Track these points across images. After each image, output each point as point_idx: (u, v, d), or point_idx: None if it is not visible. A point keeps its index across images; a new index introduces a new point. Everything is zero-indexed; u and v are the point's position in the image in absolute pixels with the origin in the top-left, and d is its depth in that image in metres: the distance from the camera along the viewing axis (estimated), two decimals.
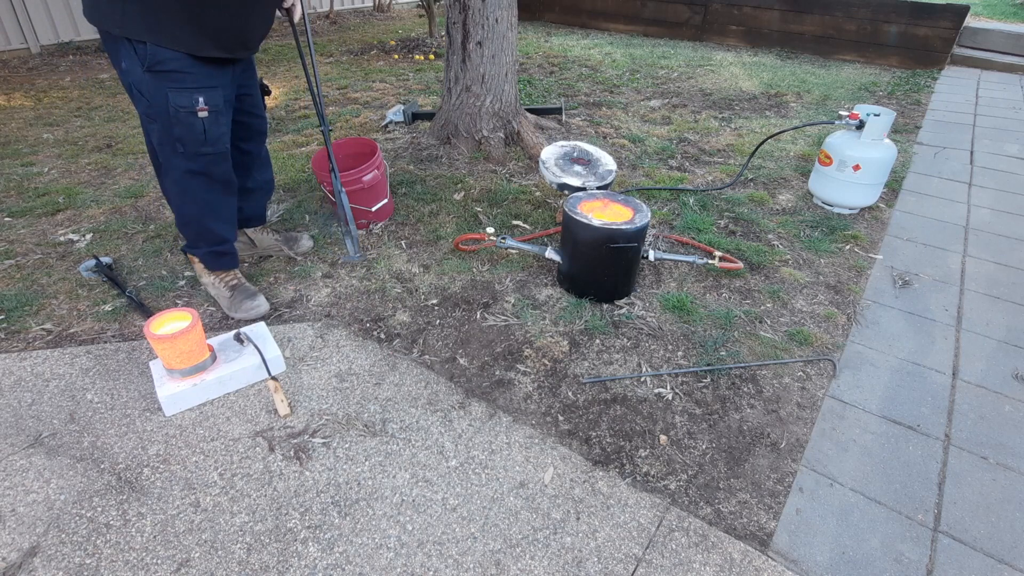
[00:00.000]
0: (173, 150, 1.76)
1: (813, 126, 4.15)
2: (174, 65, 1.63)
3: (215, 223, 1.96)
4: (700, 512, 1.44)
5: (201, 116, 1.72)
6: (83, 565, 1.27)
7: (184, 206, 1.90)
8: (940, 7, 5.65)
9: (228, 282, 2.07)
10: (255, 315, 2.03)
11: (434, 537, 1.35)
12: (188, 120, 1.71)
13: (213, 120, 1.75)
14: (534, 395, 1.77)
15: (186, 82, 1.67)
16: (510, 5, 3.20)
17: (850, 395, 1.82)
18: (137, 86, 1.67)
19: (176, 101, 1.67)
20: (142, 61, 1.61)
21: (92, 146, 3.54)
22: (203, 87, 1.70)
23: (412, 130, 3.83)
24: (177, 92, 1.66)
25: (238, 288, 2.06)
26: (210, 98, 1.72)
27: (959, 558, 1.36)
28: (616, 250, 2.02)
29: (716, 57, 6.23)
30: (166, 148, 1.76)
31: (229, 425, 1.64)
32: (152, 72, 1.63)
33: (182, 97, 1.67)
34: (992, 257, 2.61)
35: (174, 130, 1.71)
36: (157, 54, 1.61)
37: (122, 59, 1.65)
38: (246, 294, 2.05)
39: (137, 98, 1.71)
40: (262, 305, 2.05)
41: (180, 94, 1.67)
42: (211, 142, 1.78)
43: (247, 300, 2.04)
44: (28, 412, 1.66)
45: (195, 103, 1.69)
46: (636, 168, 3.39)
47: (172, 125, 1.70)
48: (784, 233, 2.73)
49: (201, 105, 1.70)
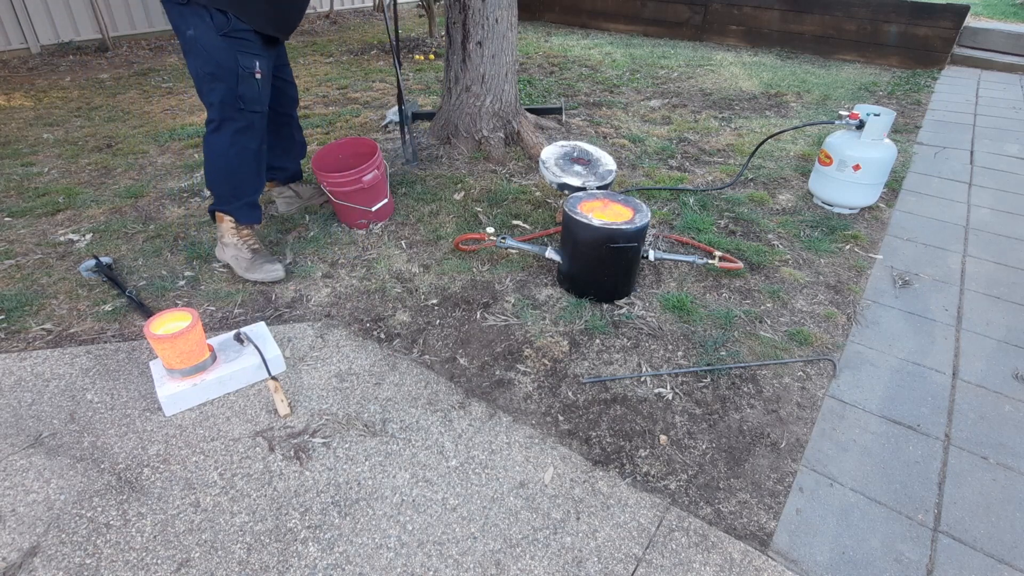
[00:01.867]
0: (235, 106, 2.04)
1: (813, 126, 4.15)
2: (245, 35, 1.97)
3: (255, 175, 2.23)
4: (700, 512, 1.44)
5: (258, 78, 2.05)
6: (83, 565, 1.27)
7: (233, 159, 2.14)
8: (940, 7, 5.64)
9: (251, 244, 2.26)
10: (272, 278, 2.23)
11: (434, 537, 1.35)
12: (249, 80, 2.02)
13: (265, 83, 2.09)
14: (534, 395, 1.77)
15: (252, 48, 2.00)
16: (510, 5, 3.20)
17: (850, 395, 1.82)
18: (207, 48, 1.94)
19: (243, 62, 1.99)
20: (219, 28, 1.91)
21: (92, 146, 3.54)
22: (260, 55, 2.04)
23: (412, 130, 3.83)
24: (245, 55, 1.98)
25: (259, 252, 2.27)
26: (264, 65, 2.06)
27: (959, 558, 1.36)
28: (616, 250, 2.02)
29: (716, 57, 6.23)
30: (228, 106, 2.03)
31: (229, 425, 1.64)
32: (227, 37, 1.93)
33: (248, 59, 1.99)
34: (992, 257, 2.61)
35: (239, 87, 2.01)
36: (236, 23, 1.94)
37: (192, 25, 1.91)
38: (266, 258, 2.26)
39: (204, 60, 1.96)
40: (279, 270, 2.24)
41: (246, 57, 1.99)
42: (261, 101, 2.11)
43: (267, 263, 2.24)
44: (28, 412, 1.66)
45: (255, 66, 2.03)
46: (636, 168, 3.39)
47: (238, 83, 2.00)
48: (784, 233, 2.73)
49: (258, 69, 2.04)
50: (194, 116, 4.11)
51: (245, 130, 2.10)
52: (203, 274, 2.29)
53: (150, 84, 4.91)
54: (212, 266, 2.35)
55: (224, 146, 2.11)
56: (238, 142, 2.11)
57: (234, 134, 2.09)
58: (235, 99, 2.02)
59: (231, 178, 2.18)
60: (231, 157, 2.13)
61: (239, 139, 2.10)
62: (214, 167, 2.16)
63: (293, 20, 2.19)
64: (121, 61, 5.65)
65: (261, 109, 2.11)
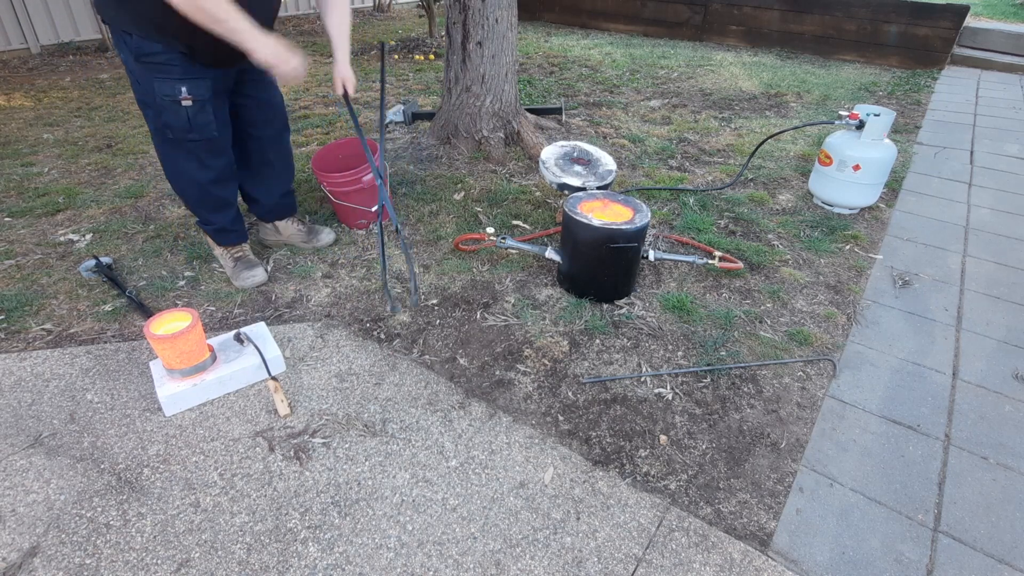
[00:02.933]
0: (163, 136, 1.87)
1: (813, 126, 4.15)
2: (160, 58, 1.72)
3: (211, 204, 2.08)
4: (700, 512, 1.44)
5: (185, 105, 1.79)
6: (83, 565, 1.27)
7: (179, 188, 2.03)
8: (940, 7, 5.64)
9: (234, 254, 2.23)
10: (250, 284, 2.19)
11: (434, 537, 1.35)
12: (173, 108, 1.79)
13: (199, 109, 1.82)
14: (534, 395, 1.77)
15: (171, 73, 1.74)
16: (510, 5, 3.20)
17: (850, 395, 1.82)
18: (132, 74, 1.79)
19: (160, 89, 1.75)
20: (134, 51, 1.71)
21: (92, 146, 3.54)
22: (188, 78, 1.76)
23: (412, 130, 3.83)
24: (161, 81, 1.74)
25: (241, 260, 2.22)
26: (194, 88, 1.78)
27: (959, 558, 1.36)
28: (616, 250, 2.02)
29: (716, 57, 6.23)
30: (157, 134, 1.88)
31: (229, 425, 1.64)
32: (140, 62, 1.73)
33: (166, 86, 1.75)
34: (992, 257, 2.61)
35: (162, 116, 1.81)
36: (143, 46, 1.70)
37: (120, 49, 1.76)
38: (246, 265, 2.21)
39: (134, 85, 1.82)
40: (258, 275, 2.19)
41: (164, 83, 1.75)
42: (197, 129, 1.85)
43: (245, 270, 2.19)
44: (28, 412, 1.66)
45: (178, 92, 1.76)
46: (636, 168, 3.39)
47: (160, 112, 1.80)
48: (784, 233, 2.73)
49: (184, 95, 1.77)
50: None
51: (185, 158, 1.92)
52: (203, 274, 2.29)
53: None
54: (212, 266, 2.35)
55: (170, 171, 1.99)
56: (180, 169, 1.96)
57: (174, 161, 1.94)
58: (162, 128, 1.84)
59: (187, 203, 2.11)
60: (179, 184, 2.02)
61: (181, 165, 1.95)
62: (172, 186, 2.06)
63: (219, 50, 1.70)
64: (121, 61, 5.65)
65: (199, 137, 1.87)
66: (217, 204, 2.09)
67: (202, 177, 1.98)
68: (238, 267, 2.20)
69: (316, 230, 2.52)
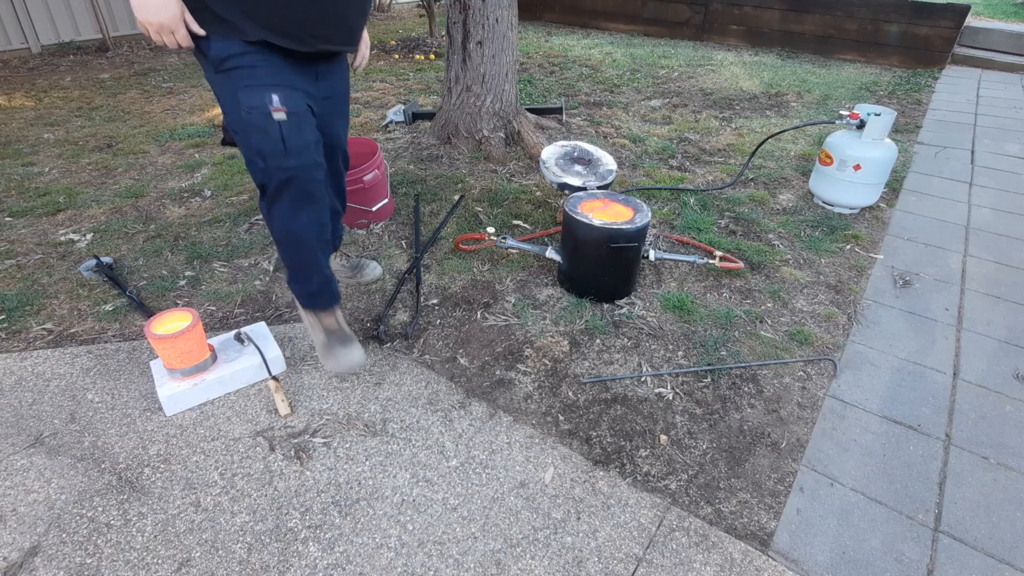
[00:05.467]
0: (255, 167, 1.47)
1: (814, 126, 4.14)
2: (242, 60, 1.36)
3: (305, 259, 1.65)
4: (701, 512, 1.44)
5: (278, 119, 1.38)
6: (84, 565, 1.27)
7: (278, 237, 1.61)
8: (941, 7, 5.64)
9: (326, 325, 1.75)
10: (346, 368, 1.71)
11: (435, 537, 1.36)
12: (261, 123, 1.39)
13: (294, 126, 1.42)
14: (534, 395, 1.77)
15: (256, 77, 1.37)
16: (510, 5, 3.20)
17: (851, 395, 1.82)
18: (219, 97, 1.43)
19: (246, 101, 1.37)
20: (211, 61, 1.37)
21: (93, 146, 3.54)
22: (279, 84, 1.39)
23: (412, 130, 3.83)
24: (247, 91, 1.37)
25: (334, 333, 1.75)
26: (289, 97, 1.40)
27: (960, 558, 1.36)
28: (616, 250, 2.02)
29: (717, 57, 6.23)
30: (252, 169, 1.49)
31: (230, 425, 1.64)
32: (221, 72, 1.37)
33: (252, 95, 1.37)
34: (993, 257, 2.61)
35: (252, 139, 1.41)
36: (221, 49, 1.34)
37: (203, 68, 1.43)
38: (340, 339, 1.74)
39: (225, 114, 1.46)
40: (354, 356, 1.72)
41: (250, 92, 1.37)
42: (292, 150, 1.43)
43: (339, 347, 1.72)
44: (29, 412, 1.66)
45: (267, 102, 1.37)
46: (636, 168, 3.39)
47: (247, 132, 1.41)
48: (784, 233, 2.73)
49: (276, 104, 1.38)
50: (194, 116, 4.11)
51: (276, 196, 1.49)
52: (203, 274, 2.30)
53: (150, 84, 4.91)
54: (212, 266, 2.35)
55: (267, 219, 1.59)
56: (273, 213, 1.53)
57: (268, 204, 1.52)
58: (253, 156, 1.44)
59: (282, 257, 1.69)
60: (276, 234, 1.60)
61: (273, 210, 1.52)
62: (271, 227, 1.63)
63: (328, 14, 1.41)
64: (121, 61, 5.66)
65: (297, 163, 1.45)
66: (312, 256, 1.66)
67: (296, 219, 1.53)
68: (331, 342, 1.73)
69: (361, 264, 2.23)
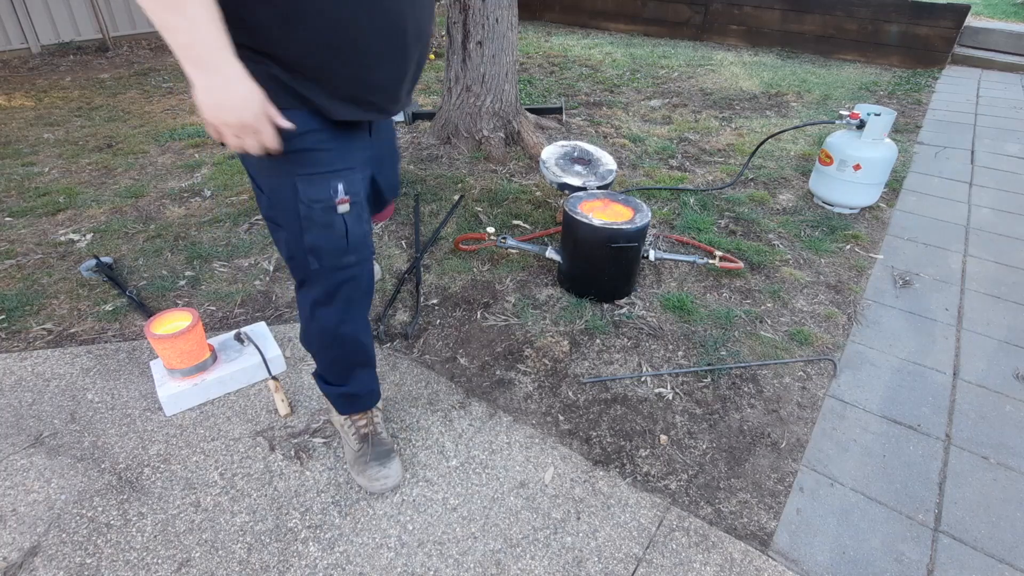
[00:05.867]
0: (305, 267, 1.20)
1: (814, 125, 4.14)
2: (306, 141, 1.05)
3: (346, 358, 1.40)
4: (700, 512, 1.44)
5: (341, 212, 1.14)
6: (84, 565, 1.27)
7: (314, 337, 1.37)
8: (941, 7, 5.64)
9: (360, 428, 1.50)
10: (379, 488, 1.45)
11: (434, 537, 1.36)
12: (325, 219, 1.13)
13: (356, 216, 1.17)
14: (534, 395, 1.77)
15: (321, 163, 1.09)
16: (510, 5, 3.20)
17: (851, 395, 1.82)
18: (254, 175, 1.15)
19: (308, 193, 1.09)
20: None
21: (92, 146, 3.54)
22: (342, 169, 1.12)
23: (412, 130, 3.83)
24: (309, 181, 1.09)
25: (369, 440, 1.49)
26: (351, 183, 1.14)
27: (960, 558, 1.36)
28: (616, 250, 2.02)
29: (716, 57, 6.23)
30: (297, 265, 1.22)
31: (229, 425, 1.64)
32: (275, 156, 1.05)
33: (316, 187, 1.09)
34: (993, 257, 2.61)
35: (306, 237, 1.15)
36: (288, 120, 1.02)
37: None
38: (378, 455, 1.46)
39: (256, 193, 1.18)
40: (392, 476, 1.45)
41: (313, 183, 1.09)
42: (354, 245, 1.19)
43: (374, 463, 1.45)
44: (29, 412, 1.66)
45: (333, 194, 1.11)
46: (636, 168, 3.39)
47: (304, 229, 1.13)
48: (784, 233, 2.73)
49: (341, 195, 1.12)
50: (194, 116, 4.11)
51: (328, 299, 1.26)
52: (203, 274, 2.30)
53: (150, 84, 4.91)
54: (212, 266, 2.35)
55: (304, 316, 1.33)
56: (317, 316, 1.29)
57: (312, 305, 1.28)
58: (304, 255, 1.17)
59: (316, 356, 1.42)
60: (311, 333, 1.36)
61: (318, 312, 1.28)
62: (303, 329, 1.39)
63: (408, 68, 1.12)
64: (121, 61, 5.66)
65: (357, 259, 1.22)
66: (363, 359, 1.43)
67: (345, 322, 1.31)
68: (365, 452, 1.47)
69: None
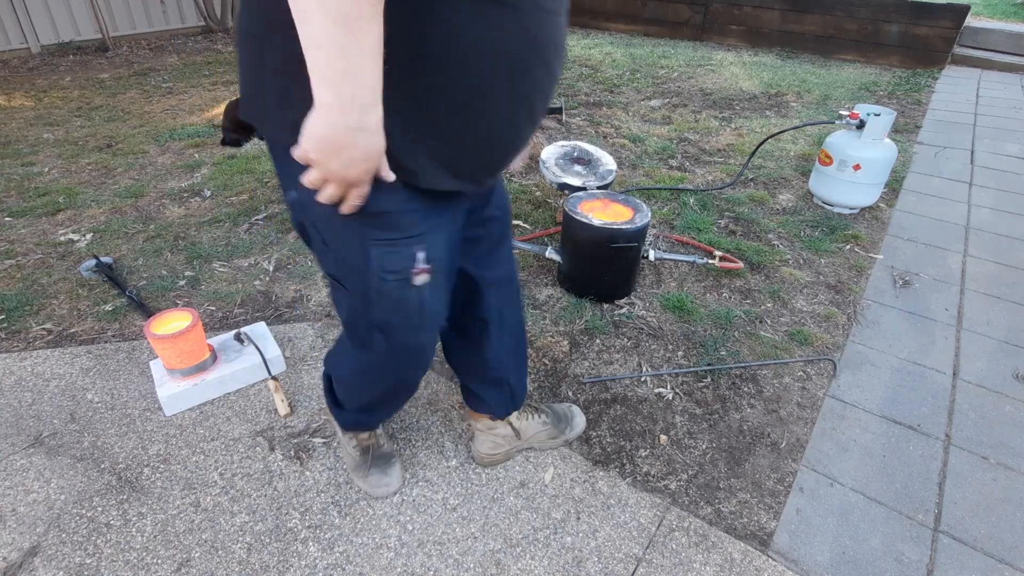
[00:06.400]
0: (365, 341, 1.08)
1: (813, 126, 4.14)
2: (387, 203, 0.87)
3: (386, 405, 1.37)
4: (700, 512, 1.44)
5: (419, 284, 0.97)
6: (83, 565, 1.27)
7: (350, 386, 1.28)
8: (941, 7, 5.64)
9: (362, 441, 1.47)
10: (381, 494, 1.45)
11: (434, 537, 1.36)
12: (399, 294, 0.97)
13: (435, 288, 1.01)
14: (534, 395, 1.77)
15: (401, 228, 0.91)
16: None
17: (850, 395, 1.82)
18: (318, 226, 0.94)
19: (383, 264, 0.93)
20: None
21: (92, 146, 3.54)
22: (423, 232, 0.93)
23: None
24: (385, 248, 0.91)
25: (372, 452, 1.47)
26: (434, 249, 0.96)
27: (959, 558, 1.36)
28: (616, 250, 2.02)
29: (716, 57, 6.23)
30: (358, 337, 1.10)
31: (229, 425, 1.64)
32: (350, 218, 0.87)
33: (393, 257, 0.93)
34: (993, 257, 2.61)
35: (374, 311, 1.00)
36: (385, 201, 0.87)
37: (290, 181, 0.87)
38: (379, 463, 1.46)
39: (316, 243, 1.00)
40: (393, 483, 1.45)
41: (390, 251, 0.92)
42: (429, 320, 1.05)
43: (375, 471, 1.45)
44: (28, 412, 1.66)
45: (413, 263, 0.94)
46: (636, 168, 3.39)
47: (372, 302, 0.99)
48: (784, 233, 2.73)
49: (421, 265, 0.95)
50: (194, 116, 4.11)
51: (384, 366, 1.14)
52: (203, 274, 2.30)
53: (150, 84, 4.91)
54: (212, 266, 2.35)
55: (346, 354, 1.23)
56: (367, 369, 1.17)
57: (367, 370, 1.17)
58: (368, 328, 1.05)
59: (345, 390, 1.32)
60: (345, 381, 1.28)
61: (373, 373, 1.18)
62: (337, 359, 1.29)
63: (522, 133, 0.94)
64: (121, 61, 5.65)
65: (430, 337, 1.10)
66: (402, 401, 1.40)
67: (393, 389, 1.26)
68: (366, 462, 1.46)
69: (563, 414, 1.61)
